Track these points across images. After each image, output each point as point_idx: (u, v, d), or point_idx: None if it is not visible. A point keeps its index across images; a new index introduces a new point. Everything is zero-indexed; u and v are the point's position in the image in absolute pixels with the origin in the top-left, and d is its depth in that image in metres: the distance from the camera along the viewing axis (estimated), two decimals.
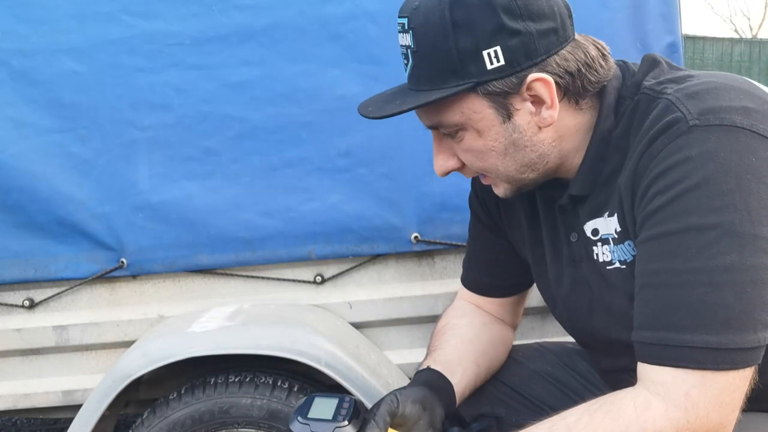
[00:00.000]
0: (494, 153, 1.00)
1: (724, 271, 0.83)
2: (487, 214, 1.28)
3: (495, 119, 0.97)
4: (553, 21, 0.94)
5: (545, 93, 0.95)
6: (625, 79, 1.02)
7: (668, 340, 0.86)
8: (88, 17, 1.73)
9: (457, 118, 0.98)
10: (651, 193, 0.90)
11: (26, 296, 1.84)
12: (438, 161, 1.06)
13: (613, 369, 1.14)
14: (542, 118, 0.97)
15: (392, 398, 1.05)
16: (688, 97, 0.90)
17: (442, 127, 1.01)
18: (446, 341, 1.25)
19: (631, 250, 1.00)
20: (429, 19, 0.94)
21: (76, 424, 1.63)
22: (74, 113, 1.74)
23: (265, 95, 1.73)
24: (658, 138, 0.90)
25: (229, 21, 1.73)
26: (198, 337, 1.62)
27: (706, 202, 0.84)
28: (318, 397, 1.09)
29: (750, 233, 0.83)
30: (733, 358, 0.84)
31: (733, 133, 0.85)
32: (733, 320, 0.83)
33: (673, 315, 0.86)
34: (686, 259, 0.85)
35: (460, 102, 0.96)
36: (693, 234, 0.85)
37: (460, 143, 1.02)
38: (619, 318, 1.02)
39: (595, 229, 1.05)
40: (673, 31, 1.72)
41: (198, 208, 1.76)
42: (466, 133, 1.00)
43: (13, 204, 1.75)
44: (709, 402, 0.84)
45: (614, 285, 1.03)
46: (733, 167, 0.84)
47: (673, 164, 0.87)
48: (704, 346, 0.83)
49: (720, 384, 0.84)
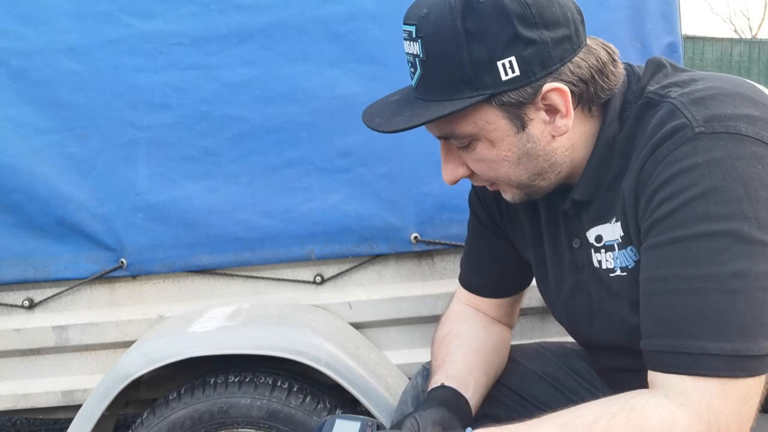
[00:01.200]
0: (507, 163, 0.98)
1: (736, 278, 0.82)
2: (487, 214, 1.28)
3: (509, 130, 0.95)
4: (567, 28, 0.92)
5: (560, 102, 0.93)
6: (630, 83, 1.01)
7: (683, 348, 0.84)
8: (87, 17, 1.73)
9: (470, 129, 0.96)
10: (657, 200, 0.89)
11: (26, 296, 1.84)
12: (447, 170, 1.04)
13: (611, 369, 1.14)
14: (556, 127, 0.96)
15: (413, 422, 1.04)
16: (693, 102, 0.90)
17: (453, 138, 0.99)
18: (454, 352, 1.23)
19: (633, 255, 0.99)
20: (440, 28, 0.91)
21: (76, 424, 1.63)
22: (73, 113, 1.74)
23: (265, 95, 1.73)
24: (662, 144, 0.89)
25: (228, 21, 1.73)
26: (198, 338, 1.62)
27: (715, 209, 0.84)
28: (339, 420, 1.06)
29: (759, 240, 0.82)
30: (748, 366, 0.83)
31: (739, 141, 0.85)
32: (746, 327, 0.82)
33: (686, 322, 0.85)
34: (696, 265, 0.84)
35: (474, 113, 0.94)
36: (703, 240, 0.84)
37: (472, 153, 0.99)
38: (619, 324, 1.02)
39: (599, 235, 1.04)
40: (672, 31, 1.72)
41: (197, 208, 1.76)
42: (478, 143, 0.98)
43: (13, 204, 1.75)
44: (730, 412, 0.83)
45: (616, 292, 1.02)
46: (740, 175, 0.84)
47: (679, 171, 0.86)
48: (720, 353, 0.82)
49: (738, 393, 0.83)
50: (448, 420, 1.08)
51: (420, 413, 1.06)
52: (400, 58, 1.03)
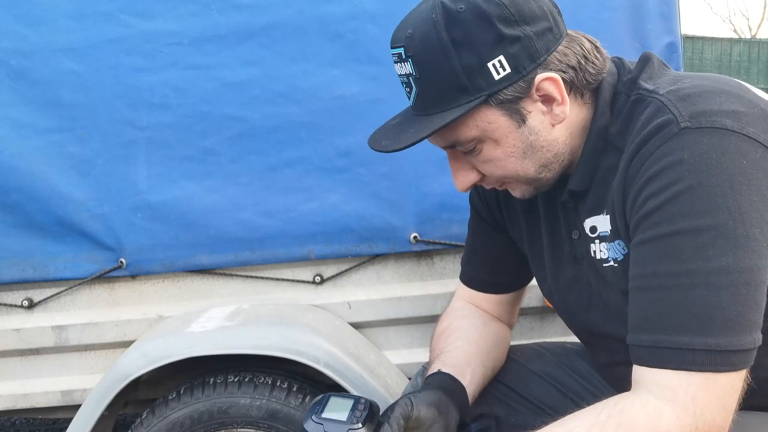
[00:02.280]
0: (513, 159, 1.01)
1: (720, 273, 0.84)
2: (487, 210, 1.29)
3: (510, 126, 0.98)
4: (546, 20, 0.96)
5: (554, 90, 0.96)
6: (620, 75, 1.03)
7: (668, 343, 0.86)
8: (86, 17, 1.73)
9: (473, 132, 0.98)
10: (644, 196, 0.90)
11: (25, 296, 1.84)
12: (458, 178, 1.06)
13: (611, 363, 1.14)
14: (555, 115, 0.99)
15: (407, 401, 1.05)
16: (680, 99, 0.91)
17: (459, 145, 1.01)
18: (452, 343, 1.24)
19: (621, 249, 1.01)
20: (427, 44, 0.94)
21: (75, 424, 1.63)
22: (73, 113, 1.74)
23: (264, 95, 1.73)
24: (649, 140, 0.91)
25: (228, 21, 1.73)
26: (197, 337, 1.62)
27: (700, 204, 0.85)
28: (333, 397, 1.08)
29: (743, 235, 0.83)
30: (732, 360, 0.84)
31: (725, 136, 0.86)
32: (730, 322, 0.84)
33: (670, 317, 0.86)
34: (681, 261, 0.86)
35: (474, 116, 0.97)
36: (687, 236, 0.85)
37: (479, 156, 1.02)
38: (616, 314, 1.02)
39: (594, 226, 1.05)
40: (672, 31, 1.72)
41: (197, 208, 1.76)
42: (483, 145, 1.00)
43: (12, 204, 1.75)
44: (714, 405, 0.84)
45: (610, 282, 1.04)
46: (725, 170, 0.85)
47: (665, 167, 0.88)
48: (705, 348, 0.84)
49: (722, 386, 0.85)
50: (444, 403, 1.09)
51: (415, 394, 1.08)
52: None
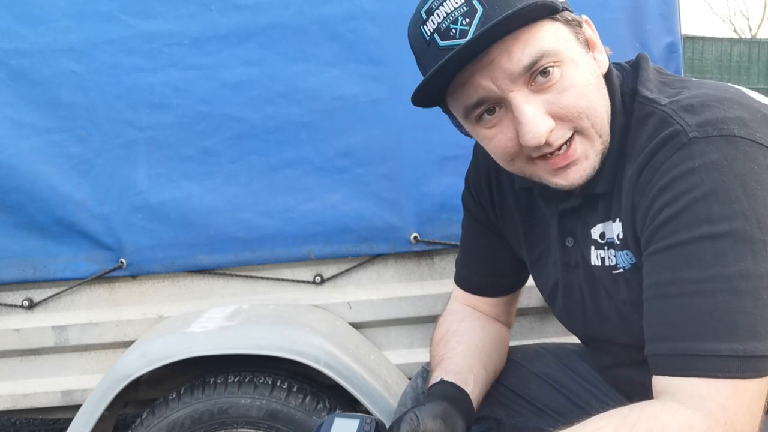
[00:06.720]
0: (592, 87, 0.94)
1: (741, 278, 0.82)
2: (481, 211, 1.28)
3: (581, 50, 0.95)
4: None
5: (593, 34, 0.96)
6: (624, 78, 1.03)
7: (693, 350, 0.84)
8: (86, 17, 1.73)
9: (554, 44, 0.91)
10: (658, 206, 0.89)
11: (25, 296, 1.84)
12: (535, 123, 0.91)
13: (612, 364, 1.14)
14: (599, 61, 0.98)
15: (412, 416, 1.04)
16: (683, 109, 0.91)
17: (544, 57, 0.90)
18: (452, 349, 1.23)
19: (629, 259, 1.00)
20: None
21: (75, 424, 1.63)
22: (73, 113, 1.74)
23: (264, 95, 1.73)
24: (659, 151, 0.90)
25: (227, 21, 1.73)
26: (197, 338, 1.62)
27: (717, 210, 0.84)
28: (338, 418, 1.07)
29: (760, 239, 0.83)
30: (758, 366, 0.82)
31: (733, 143, 0.86)
32: (755, 327, 0.82)
33: (694, 324, 0.84)
34: (702, 267, 0.84)
35: (551, 28, 0.91)
36: (706, 242, 0.84)
37: (557, 83, 0.92)
38: (614, 321, 1.02)
39: (603, 232, 1.04)
40: (672, 32, 1.72)
41: (197, 209, 1.76)
42: (563, 66, 0.92)
43: (12, 204, 1.75)
44: (744, 413, 0.83)
45: (617, 289, 1.03)
46: (737, 175, 0.84)
47: (678, 176, 0.87)
48: (732, 354, 0.82)
49: (750, 393, 0.83)
50: (450, 413, 1.07)
51: (419, 408, 1.06)
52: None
